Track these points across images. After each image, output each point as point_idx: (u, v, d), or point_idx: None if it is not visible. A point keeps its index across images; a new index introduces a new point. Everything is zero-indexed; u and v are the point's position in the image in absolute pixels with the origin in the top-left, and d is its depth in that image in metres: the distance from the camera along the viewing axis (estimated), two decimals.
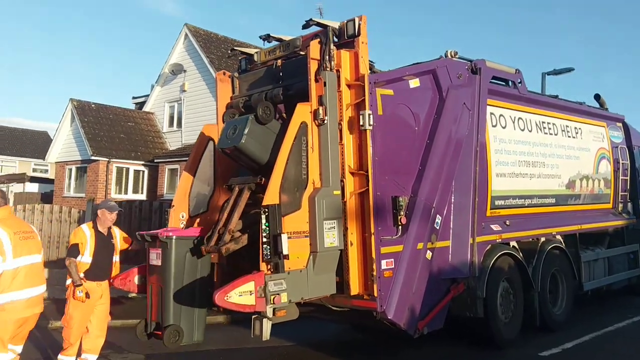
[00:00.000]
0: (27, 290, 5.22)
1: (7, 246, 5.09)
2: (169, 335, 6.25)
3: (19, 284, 5.15)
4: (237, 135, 6.51)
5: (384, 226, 6.62)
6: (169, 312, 6.35)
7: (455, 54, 7.84)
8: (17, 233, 5.24)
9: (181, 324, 6.39)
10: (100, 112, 24.33)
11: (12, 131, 49.35)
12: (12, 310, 5.12)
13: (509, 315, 8.20)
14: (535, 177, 9.18)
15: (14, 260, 5.12)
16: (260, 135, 6.61)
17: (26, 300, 5.22)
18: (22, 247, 5.22)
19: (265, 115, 6.61)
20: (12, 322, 5.16)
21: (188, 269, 6.49)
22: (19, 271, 5.16)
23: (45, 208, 13.78)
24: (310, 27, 6.78)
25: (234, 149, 6.58)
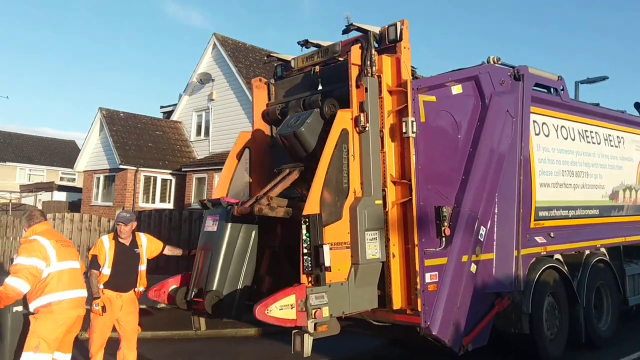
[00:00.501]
0: (71, 291, 5.72)
1: (50, 252, 5.62)
2: (210, 299, 6.18)
3: (64, 285, 5.65)
4: (299, 124, 6.54)
5: (427, 238, 6.36)
6: (214, 278, 6.35)
7: (497, 59, 7.58)
8: (58, 241, 5.82)
9: (224, 293, 6.31)
10: (129, 121, 24.43)
11: (41, 140, 50.07)
12: (59, 311, 5.58)
13: (554, 331, 7.87)
14: (579, 188, 8.84)
15: (58, 263, 5.64)
16: (318, 129, 6.58)
17: (70, 300, 5.70)
18: (64, 253, 5.76)
19: (330, 111, 6.55)
20: (59, 323, 5.59)
21: (241, 242, 6.56)
22: (63, 274, 5.68)
23: (75, 217, 13.74)
24: (351, 32, 6.61)
25: (292, 135, 6.57)
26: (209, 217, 6.76)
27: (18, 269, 5.43)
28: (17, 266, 5.46)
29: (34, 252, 5.54)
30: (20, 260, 5.50)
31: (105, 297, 6.50)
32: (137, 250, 6.80)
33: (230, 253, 6.48)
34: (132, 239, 6.82)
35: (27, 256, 5.51)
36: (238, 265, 6.53)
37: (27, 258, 5.49)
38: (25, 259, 5.49)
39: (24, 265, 5.45)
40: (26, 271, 5.42)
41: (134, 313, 6.78)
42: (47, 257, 5.58)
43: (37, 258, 5.52)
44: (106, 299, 6.51)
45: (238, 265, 6.53)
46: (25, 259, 5.49)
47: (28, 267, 5.45)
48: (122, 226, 6.66)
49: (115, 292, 6.56)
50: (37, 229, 5.79)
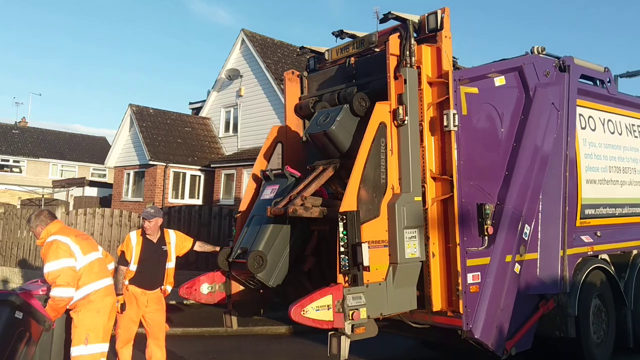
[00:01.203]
0: (103, 280, 5.77)
1: (74, 247, 5.58)
2: (253, 259, 5.94)
3: (96, 275, 5.70)
4: (329, 122, 6.21)
5: (469, 236, 6.05)
6: (261, 240, 6.14)
7: (542, 50, 7.21)
8: (77, 236, 5.78)
9: (268, 257, 6.09)
10: (158, 117, 24.47)
11: (72, 137, 50.66)
12: (97, 300, 5.63)
13: (600, 335, 7.49)
14: (626, 185, 8.43)
15: (85, 257, 5.64)
16: (351, 126, 6.28)
17: (105, 288, 5.76)
18: (86, 246, 5.73)
19: (360, 107, 6.28)
20: (101, 311, 5.64)
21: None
22: (93, 265, 5.70)
23: (106, 212, 13.71)
24: (388, 21, 6.28)
25: (322, 134, 6.24)
26: (268, 187, 6.61)
27: (54, 276, 5.35)
28: (52, 274, 5.37)
29: (60, 253, 5.46)
30: (51, 266, 5.41)
31: (129, 294, 6.42)
32: (164, 248, 6.66)
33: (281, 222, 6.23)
34: (160, 236, 6.68)
35: (55, 259, 5.42)
36: (285, 236, 6.29)
37: (57, 261, 5.41)
38: (55, 263, 5.41)
39: (57, 270, 5.38)
40: (64, 275, 5.36)
41: (161, 311, 6.67)
42: (73, 253, 5.54)
43: (65, 258, 5.46)
44: (131, 295, 6.42)
45: (285, 236, 6.29)
46: (55, 263, 5.41)
47: (63, 270, 5.39)
48: (146, 222, 6.55)
49: (140, 289, 6.45)
50: (51, 229, 5.67)
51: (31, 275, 13.16)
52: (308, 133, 6.51)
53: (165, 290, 6.71)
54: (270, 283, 6.17)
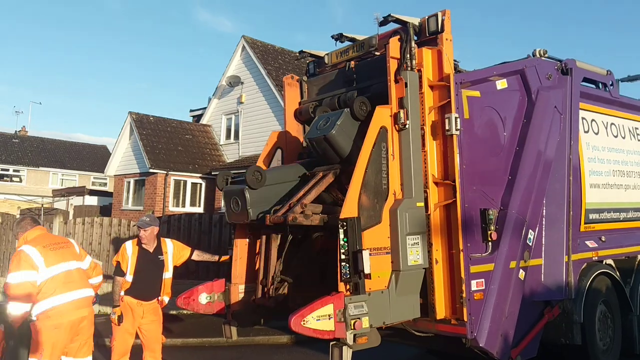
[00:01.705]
0: (69, 293, 5.47)
1: (37, 259, 5.36)
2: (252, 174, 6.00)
3: (59, 289, 5.40)
4: (329, 126, 6.07)
5: (473, 242, 5.93)
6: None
7: (544, 52, 7.12)
8: (46, 246, 5.51)
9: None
10: (159, 124, 24.39)
11: (73, 145, 50.64)
12: (56, 316, 5.35)
13: (607, 342, 7.36)
14: (630, 189, 8.31)
15: (47, 269, 5.38)
16: (351, 131, 6.15)
17: (69, 303, 5.45)
18: (54, 257, 5.48)
19: (361, 111, 6.15)
20: (58, 327, 5.34)
21: None
22: (56, 279, 5.42)
23: (105, 221, 13.61)
24: (388, 23, 6.20)
25: (322, 139, 6.10)
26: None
27: (12, 290, 5.24)
28: (10, 288, 5.26)
29: (21, 265, 5.31)
30: (10, 278, 5.30)
31: (125, 305, 6.31)
32: (161, 257, 6.54)
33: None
34: (156, 245, 6.57)
35: (15, 271, 5.29)
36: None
37: (16, 273, 5.28)
38: (14, 276, 5.28)
39: (14, 284, 5.26)
40: (19, 290, 5.23)
41: (157, 322, 6.55)
42: (35, 265, 5.34)
43: (25, 270, 5.30)
44: (126, 306, 6.31)
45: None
46: (14, 275, 5.29)
47: (19, 285, 5.25)
48: (142, 231, 6.43)
49: (136, 300, 6.34)
50: (28, 237, 5.56)
51: None
52: (308, 138, 6.39)
53: (162, 301, 6.59)
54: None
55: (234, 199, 6.26)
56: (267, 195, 6.24)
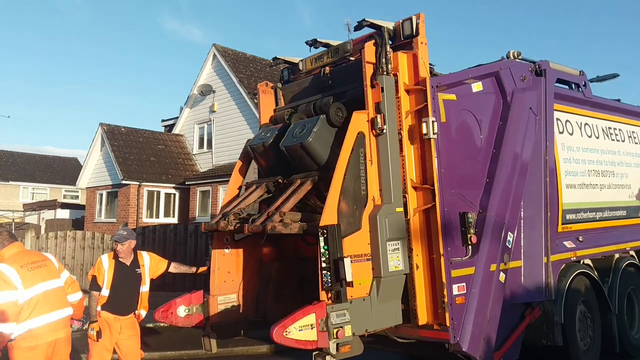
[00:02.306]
0: (46, 315, 5.27)
1: (16, 280, 5.15)
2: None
3: (37, 311, 5.21)
4: (305, 133, 6.00)
5: (453, 246, 5.90)
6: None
7: (518, 54, 7.15)
8: (23, 266, 5.28)
9: None
10: (130, 135, 24.06)
11: (43, 159, 49.79)
12: (33, 338, 5.17)
13: (587, 342, 7.39)
14: (606, 188, 8.40)
15: (26, 291, 5.18)
16: (328, 137, 6.11)
17: (47, 325, 5.27)
18: (32, 278, 5.26)
19: (337, 117, 6.13)
20: (36, 349, 5.18)
21: None
22: (35, 300, 5.22)
23: (77, 235, 13.33)
24: (363, 28, 6.15)
25: (299, 147, 6.02)
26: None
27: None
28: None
29: (1, 285, 5.08)
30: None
31: (102, 320, 6.13)
32: (138, 271, 6.38)
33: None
34: (133, 258, 6.40)
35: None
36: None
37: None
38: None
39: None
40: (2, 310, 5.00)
41: (135, 337, 6.38)
42: (15, 286, 5.13)
43: (5, 291, 5.07)
44: (103, 322, 6.14)
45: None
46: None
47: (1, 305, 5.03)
48: (119, 245, 6.24)
49: (113, 315, 6.17)
50: (5, 254, 5.32)
51: None
52: (284, 146, 6.30)
53: (139, 315, 6.42)
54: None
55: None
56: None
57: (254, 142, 6.64)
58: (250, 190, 6.58)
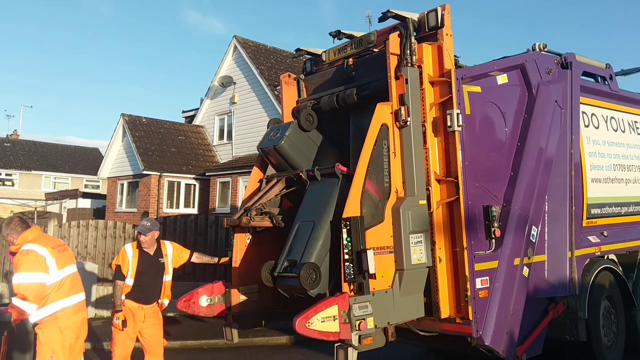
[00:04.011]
0: (73, 297, 5.45)
1: (50, 261, 5.27)
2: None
3: (66, 292, 5.37)
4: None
5: (476, 240, 5.85)
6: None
7: (544, 47, 7.05)
8: (54, 247, 5.43)
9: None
10: (151, 126, 24.23)
11: (65, 148, 50.36)
12: (64, 317, 5.32)
13: (611, 338, 7.32)
14: (631, 183, 8.26)
15: (59, 272, 5.33)
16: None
17: (73, 306, 5.43)
18: (63, 260, 5.43)
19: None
20: (67, 329, 5.33)
21: None
22: (64, 281, 5.38)
23: (100, 224, 13.46)
24: (387, 19, 6.09)
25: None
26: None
27: (23, 290, 5.06)
28: (22, 287, 5.08)
29: (35, 266, 5.15)
30: (22, 278, 5.10)
31: (126, 309, 6.20)
32: (161, 260, 6.44)
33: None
34: (156, 248, 6.46)
35: (28, 271, 5.12)
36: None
37: (29, 274, 5.11)
38: (26, 276, 5.11)
39: (27, 285, 5.09)
40: (32, 291, 5.08)
41: (158, 325, 6.45)
42: (47, 267, 5.22)
43: (38, 272, 5.16)
44: (127, 310, 6.20)
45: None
46: (26, 275, 5.11)
47: (32, 286, 5.10)
48: (142, 236, 6.31)
49: (137, 304, 6.23)
50: (28, 236, 5.33)
51: None
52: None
53: (162, 304, 6.49)
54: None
55: (276, 128, 6.77)
56: (302, 146, 6.65)
57: (263, 144, 6.78)
58: (271, 184, 6.67)
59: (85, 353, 5.81)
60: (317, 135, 6.81)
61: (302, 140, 6.61)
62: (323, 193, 6.05)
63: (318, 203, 6.03)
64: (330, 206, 5.84)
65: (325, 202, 5.91)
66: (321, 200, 6.00)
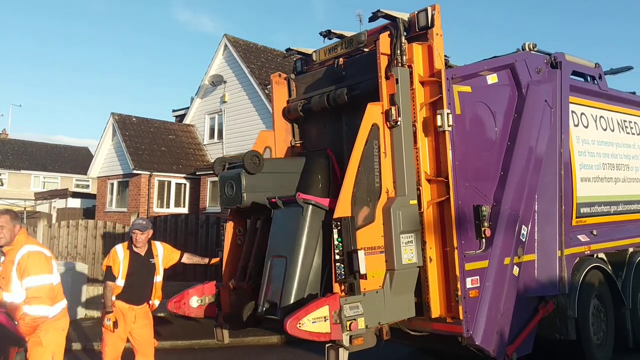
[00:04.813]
0: (64, 300, 5.51)
1: (53, 264, 5.35)
2: (250, 158, 5.74)
3: (60, 295, 5.44)
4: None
5: (466, 239, 5.86)
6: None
7: (534, 46, 7.08)
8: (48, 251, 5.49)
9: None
10: (141, 125, 24.12)
11: (54, 148, 50.06)
12: (65, 319, 5.44)
13: (600, 336, 7.36)
14: (620, 182, 8.32)
15: (56, 274, 5.39)
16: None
17: (65, 307, 5.51)
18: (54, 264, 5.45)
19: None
20: (64, 329, 5.43)
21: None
22: (59, 285, 5.46)
23: (90, 224, 13.39)
24: (377, 19, 6.09)
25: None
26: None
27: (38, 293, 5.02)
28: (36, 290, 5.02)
29: (46, 268, 5.18)
30: (36, 281, 5.04)
31: (117, 310, 6.17)
32: (152, 261, 6.41)
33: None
34: (147, 248, 6.43)
35: (41, 273, 5.11)
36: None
37: (42, 276, 5.11)
38: (41, 278, 5.09)
39: (42, 286, 5.07)
40: (47, 293, 5.11)
41: (149, 326, 6.43)
42: (52, 269, 5.30)
43: (49, 274, 5.20)
44: (118, 311, 6.18)
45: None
46: (41, 277, 5.09)
47: (46, 287, 5.11)
48: (139, 234, 6.27)
49: (127, 305, 6.21)
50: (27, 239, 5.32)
51: None
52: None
53: (153, 304, 6.46)
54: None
55: (229, 183, 6.25)
56: (264, 183, 6.19)
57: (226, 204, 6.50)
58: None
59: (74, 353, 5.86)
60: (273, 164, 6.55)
61: (261, 180, 6.18)
62: (289, 223, 5.92)
63: (286, 235, 5.92)
64: (299, 239, 5.75)
65: (293, 235, 5.80)
66: (289, 232, 5.89)
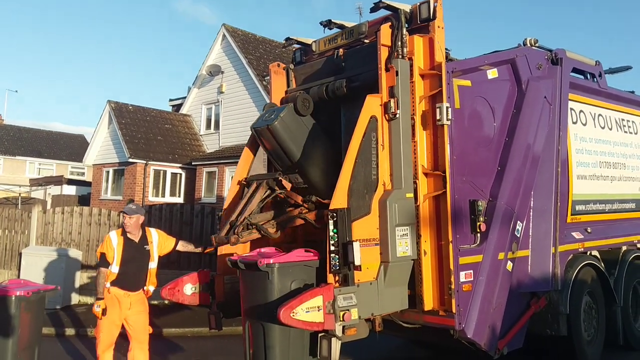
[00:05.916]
0: None
1: None
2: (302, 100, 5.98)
3: None
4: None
5: (461, 233, 5.88)
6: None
7: (535, 42, 7.08)
8: None
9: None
10: (138, 114, 24.04)
11: (50, 134, 49.92)
12: None
13: (591, 333, 7.38)
14: (616, 180, 8.34)
15: None
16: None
17: None
18: None
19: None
20: None
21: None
22: None
23: (84, 211, 13.32)
24: (379, 10, 6.06)
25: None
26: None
27: None
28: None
29: None
30: None
31: (112, 296, 6.17)
32: (147, 247, 6.40)
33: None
34: (141, 235, 6.42)
35: None
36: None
37: None
38: None
39: None
40: None
41: (144, 312, 6.42)
42: None
43: None
44: (113, 297, 6.17)
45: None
46: None
47: None
48: (127, 217, 6.28)
49: (123, 291, 6.20)
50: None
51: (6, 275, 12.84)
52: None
53: (147, 291, 6.46)
54: None
55: (272, 110, 6.42)
56: (294, 131, 6.23)
57: (257, 124, 6.44)
58: (251, 189, 6.31)
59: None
60: (310, 122, 6.46)
61: (296, 124, 6.23)
62: (258, 285, 5.34)
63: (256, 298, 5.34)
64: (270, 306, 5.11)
65: (264, 300, 5.24)
66: (259, 294, 5.31)
